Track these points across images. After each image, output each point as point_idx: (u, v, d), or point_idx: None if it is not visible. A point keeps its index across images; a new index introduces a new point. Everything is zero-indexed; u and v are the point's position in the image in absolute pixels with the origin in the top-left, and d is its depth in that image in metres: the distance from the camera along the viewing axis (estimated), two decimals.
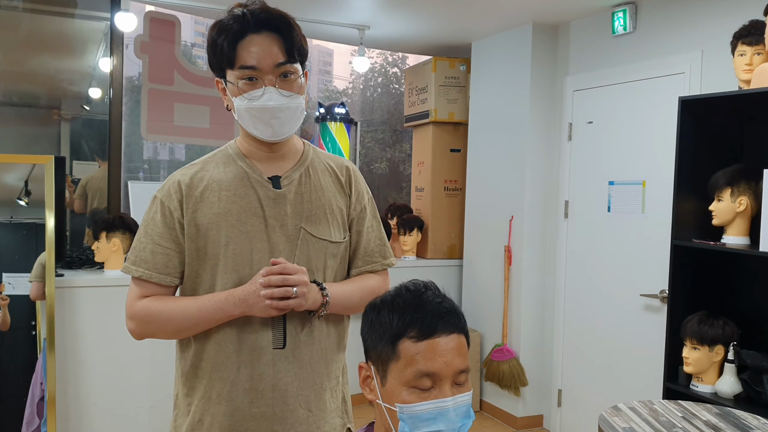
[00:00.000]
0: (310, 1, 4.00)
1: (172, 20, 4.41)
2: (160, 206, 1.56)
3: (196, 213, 1.54)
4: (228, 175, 1.56)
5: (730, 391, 2.65)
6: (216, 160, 1.61)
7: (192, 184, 1.56)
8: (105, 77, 4.33)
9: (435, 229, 5.07)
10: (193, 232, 1.54)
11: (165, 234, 1.55)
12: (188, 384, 1.58)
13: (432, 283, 1.23)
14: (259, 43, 1.49)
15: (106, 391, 3.61)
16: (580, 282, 4.15)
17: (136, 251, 1.56)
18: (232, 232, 1.52)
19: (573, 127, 4.21)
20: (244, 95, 1.50)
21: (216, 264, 1.53)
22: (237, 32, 1.48)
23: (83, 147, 4.56)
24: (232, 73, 1.50)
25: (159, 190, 1.59)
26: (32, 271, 3.42)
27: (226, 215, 1.53)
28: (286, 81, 1.51)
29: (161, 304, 1.53)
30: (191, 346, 1.57)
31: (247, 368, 1.52)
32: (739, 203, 2.71)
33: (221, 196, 1.54)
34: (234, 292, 1.49)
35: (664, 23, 3.60)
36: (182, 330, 1.54)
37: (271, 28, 1.50)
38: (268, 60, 1.48)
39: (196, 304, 1.51)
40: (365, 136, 6.29)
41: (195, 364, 1.56)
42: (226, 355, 1.53)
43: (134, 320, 1.55)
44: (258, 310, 1.48)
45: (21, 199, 3.56)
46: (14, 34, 4.32)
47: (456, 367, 1.15)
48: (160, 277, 1.54)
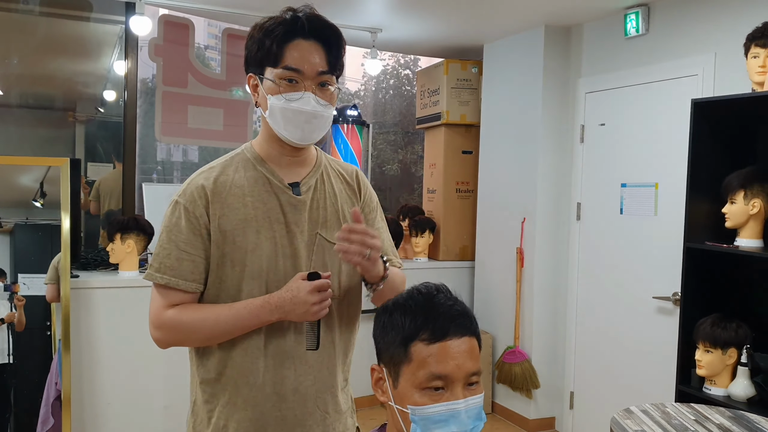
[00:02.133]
0: (322, 4, 3.99)
1: (186, 23, 4.44)
2: (185, 212, 1.53)
3: (222, 218, 1.53)
4: (249, 180, 1.56)
5: (744, 395, 2.64)
6: (235, 163, 1.60)
7: (216, 189, 1.54)
8: (120, 80, 4.37)
9: (447, 231, 5.07)
10: (219, 238, 1.52)
11: (191, 240, 1.52)
12: (209, 391, 1.57)
13: (444, 286, 1.24)
14: (306, 48, 1.51)
15: (121, 392, 3.64)
16: (592, 284, 4.14)
17: (160, 258, 1.53)
18: (257, 238, 1.53)
19: (585, 129, 4.21)
20: (282, 95, 1.50)
21: (242, 270, 1.52)
22: (287, 33, 1.50)
23: (98, 149, 4.60)
24: (274, 71, 1.51)
25: (180, 195, 1.56)
26: (48, 273, 3.46)
27: (251, 221, 1.53)
28: (324, 90, 1.53)
29: (193, 314, 1.52)
30: (214, 353, 1.56)
31: (271, 372, 1.53)
32: (753, 205, 2.70)
33: (246, 201, 1.54)
34: (270, 300, 1.49)
35: (676, 25, 3.59)
36: (213, 338, 1.53)
37: (320, 36, 1.52)
38: (312, 66, 1.50)
39: (231, 313, 1.49)
40: (377, 137, 6.30)
41: (219, 371, 1.55)
42: (251, 360, 1.53)
43: (162, 329, 1.53)
44: (295, 316, 1.49)
45: (36, 200, 3.60)
46: (31, 38, 4.37)
47: (468, 369, 1.15)
48: (187, 284, 1.52)
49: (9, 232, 3.50)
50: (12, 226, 3.50)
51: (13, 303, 3.41)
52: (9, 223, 3.50)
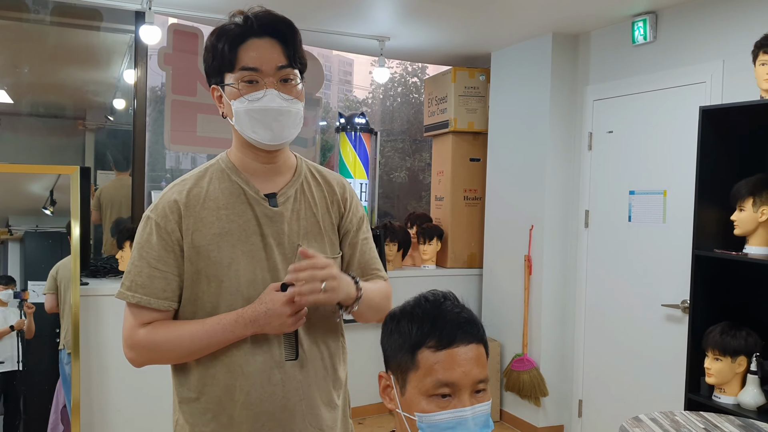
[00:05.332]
0: (331, 14, 4.04)
1: (195, 32, 4.47)
2: (156, 227, 1.48)
3: (195, 233, 1.47)
4: (224, 192, 1.51)
5: (753, 403, 2.63)
6: (209, 175, 1.54)
7: (189, 203, 1.49)
8: (129, 88, 4.40)
9: (455, 238, 5.07)
10: (193, 254, 1.47)
11: (162, 257, 1.47)
12: (189, 411, 1.52)
13: (451, 293, 1.24)
14: (260, 46, 1.47)
15: (130, 399, 3.65)
16: (600, 292, 4.13)
17: (131, 276, 1.48)
18: (233, 252, 1.48)
19: (593, 136, 4.20)
20: (244, 97, 1.46)
21: (218, 286, 1.47)
22: (238, 35, 1.46)
23: (107, 157, 4.64)
24: (232, 76, 1.47)
25: (152, 210, 1.51)
26: (46, 283, 3.47)
27: (226, 235, 1.48)
28: (287, 85, 1.49)
29: (166, 332, 1.47)
30: (192, 371, 1.51)
31: (257, 390, 1.47)
32: (762, 213, 2.69)
33: (220, 215, 1.49)
34: (243, 313, 1.44)
35: (684, 32, 3.59)
36: (188, 355, 1.48)
37: (274, 32, 1.48)
38: (270, 62, 1.46)
39: (204, 329, 1.45)
40: (385, 145, 6.32)
41: (199, 389, 1.50)
42: (234, 377, 1.47)
43: (135, 350, 1.48)
44: (271, 329, 1.45)
45: (46, 208, 3.62)
46: (42, 47, 4.42)
47: (475, 376, 1.16)
48: (159, 303, 1.47)
49: (19, 239, 3.52)
50: (22, 234, 3.53)
51: (22, 310, 3.43)
52: (19, 230, 3.53)
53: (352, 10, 3.98)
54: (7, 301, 3.40)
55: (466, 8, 3.86)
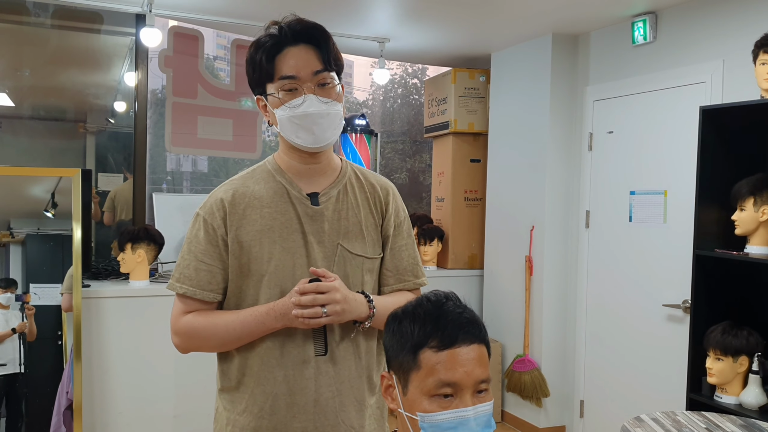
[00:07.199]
0: (331, 15, 4.05)
1: (196, 35, 4.48)
2: (203, 223, 1.58)
3: (239, 230, 1.56)
4: (268, 192, 1.59)
5: (755, 403, 2.63)
6: (256, 176, 1.63)
7: (234, 201, 1.58)
8: (130, 91, 4.41)
9: (455, 239, 5.08)
10: (237, 248, 1.56)
11: (208, 251, 1.57)
12: (228, 398, 1.60)
13: (453, 294, 1.24)
14: (296, 54, 1.53)
15: (132, 401, 3.65)
16: (601, 292, 4.13)
17: (180, 268, 1.59)
18: (274, 248, 1.55)
19: (593, 137, 4.21)
20: (285, 105, 1.53)
21: (260, 279, 1.55)
22: (274, 46, 1.53)
23: (108, 160, 4.64)
24: (273, 86, 1.54)
25: (201, 208, 1.61)
26: (64, 282, 3.48)
27: (268, 231, 1.55)
28: (325, 89, 1.55)
29: (204, 320, 1.56)
30: (234, 360, 1.58)
31: (289, 382, 1.53)
32: (762, 213, 2.69)
33: (263, 213, 1.57)
34: (274, 306, 1.51)
35: (684, 33, 3.60)
36: (226, 344, 1.56)
37: (308, 39, 1.54)
38: (307, 68, 1.52)
39: (238, 319, 1.53)
40: (385, 146, 6.32)
41: (238, 378, 1.58)
42: (268, 369, 1.54)
43: (179, 335, 1.59)
44: (298, 323, 1.50)
45: (48, 210, 3.62)
46: (42, 50, 4.42)
47: (477, 376, 1.16)
48: (204, 294, 1.56)
49: (20, 242, 3.53)
50: (23, 237, 3.53)
51: (24, 313, 3.43)
52: (20, 233, 3.53)
53: (351, 11, 3.98)
54: (8, 304, 3.41)
55: (466, 9, 3.86)
